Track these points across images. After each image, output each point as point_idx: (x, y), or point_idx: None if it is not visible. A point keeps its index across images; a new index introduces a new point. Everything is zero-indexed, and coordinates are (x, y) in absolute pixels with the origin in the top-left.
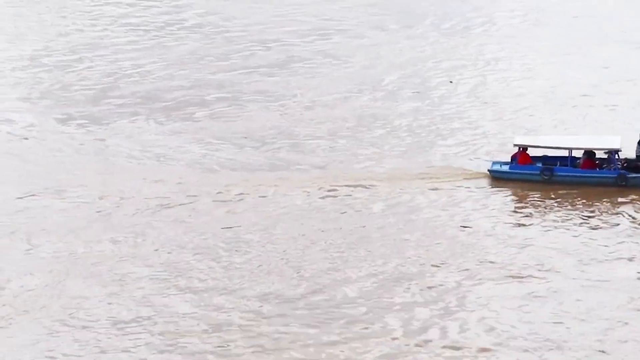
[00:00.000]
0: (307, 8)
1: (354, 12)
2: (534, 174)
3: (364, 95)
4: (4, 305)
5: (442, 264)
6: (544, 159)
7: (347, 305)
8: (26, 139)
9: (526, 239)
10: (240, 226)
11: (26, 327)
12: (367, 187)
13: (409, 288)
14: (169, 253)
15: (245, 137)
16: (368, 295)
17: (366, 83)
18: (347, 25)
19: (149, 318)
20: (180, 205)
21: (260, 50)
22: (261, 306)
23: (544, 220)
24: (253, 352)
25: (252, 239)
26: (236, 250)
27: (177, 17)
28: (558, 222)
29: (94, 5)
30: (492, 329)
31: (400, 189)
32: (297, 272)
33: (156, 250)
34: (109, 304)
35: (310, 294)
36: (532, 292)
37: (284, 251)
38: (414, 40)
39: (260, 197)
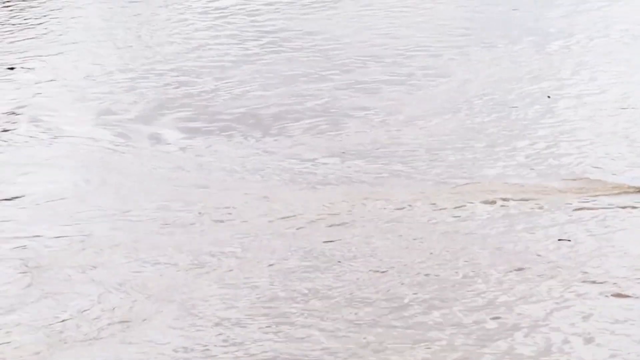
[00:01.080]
0: (404, 25)
1: (447, 30)
2: None
3: (463, 111)
4: None
5: None
6: None
7: None
8: (123, 153)
9: None
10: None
11: None
12: (505, 201)
13: None
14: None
15: (343, 152)
16: None
17: (466, 99)
18: (444, 42)
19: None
20: (285, 218)
21: (358, 66)
22: None
23: None
24: None
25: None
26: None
27: (275, 35)
28: None
29: (188, 21)
30: None
31: (566, 205)
32: None
33: (271, 265)
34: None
35: None
36: None
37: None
38: (514, 57)
39: (396, 209)
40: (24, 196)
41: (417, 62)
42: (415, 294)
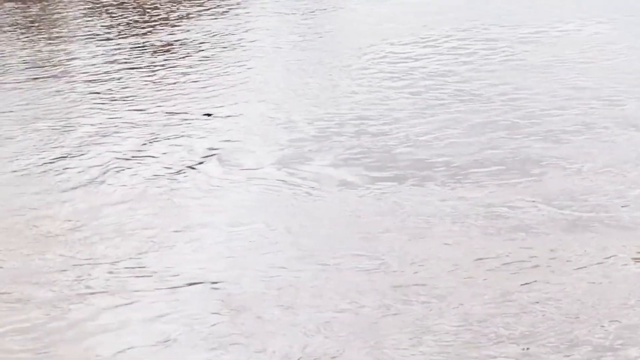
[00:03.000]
0: (589, 76)
1: (632, 81)
2: None
3: None
4: None
5: None
6: None
7: None
8: (313, 198)
9: None
10: None
11: None
12: None
13: None
14: None
15: (534, 200)
16: None
17: None
18: (629, 93)
19: None
20: (478, 261)
21: (544, 116)
22: None
23: None
24: None
25: None
26: None
27: (461, 85)
28: None
29: (372, 69)
30: None
31: None
32: None
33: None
34: None
35: None
36: None
37: None
38: None
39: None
40: (221, 240)
41: (603, 112)
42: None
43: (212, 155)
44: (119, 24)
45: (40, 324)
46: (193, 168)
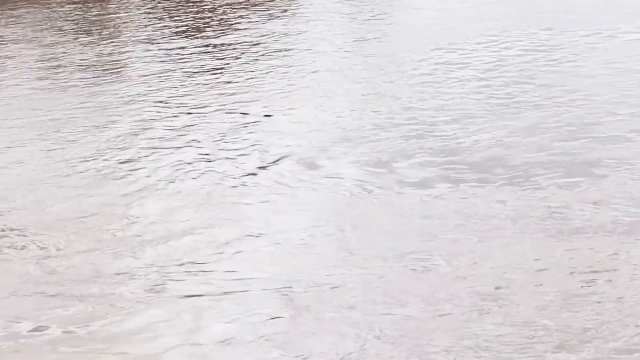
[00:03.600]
0: None
1: None
2: None
3: None
4: None
5: None
6: None
7: None
8: (376, 199)
9: None
10: None
11: None
12: None
13: None
14: None
15: (595, 202)
16: None
17: None
18: None
19: None
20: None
21: (608, 119)
22: None
23: None
24: None
25: None
26: None
27: (514, 87)
28: None
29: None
30: None
31: None
32: None
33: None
34: None
35: None
36: None
37: None
38: None
39: None
40: (285, 241)
41: None
42: None
43: (276, 157)
44: (179, 26)
45: (108, 323)
46: (260, 168)
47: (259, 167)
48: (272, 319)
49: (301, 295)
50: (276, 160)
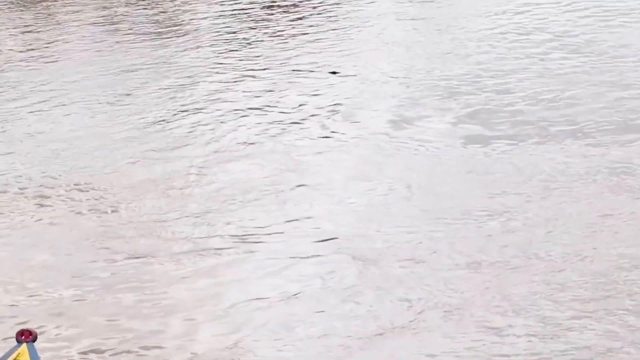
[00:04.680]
0: None
1: None
2: None
3: None
4: None
5: None
6: None
7: None
8: (437, 155)
9: None
10: None
11: None
12: None
13: None
14: None
15: None
16: None
17: None
18: None
19: None
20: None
21: None
22: None
23: None
24: None
25: None
26: None
27: (585, 47)
28: None
29: (496, 33)
30: None
31: None
32: None
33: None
34: None
35: None
36: None
37: None
38: None
39: None
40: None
41: None
42: None
43: (336, 112)
44: None
45: (169, 277)
46: (317, 123)
47: (318, 121)
48: (338, 272)
49: (368, 249)
50: (335, 115)
